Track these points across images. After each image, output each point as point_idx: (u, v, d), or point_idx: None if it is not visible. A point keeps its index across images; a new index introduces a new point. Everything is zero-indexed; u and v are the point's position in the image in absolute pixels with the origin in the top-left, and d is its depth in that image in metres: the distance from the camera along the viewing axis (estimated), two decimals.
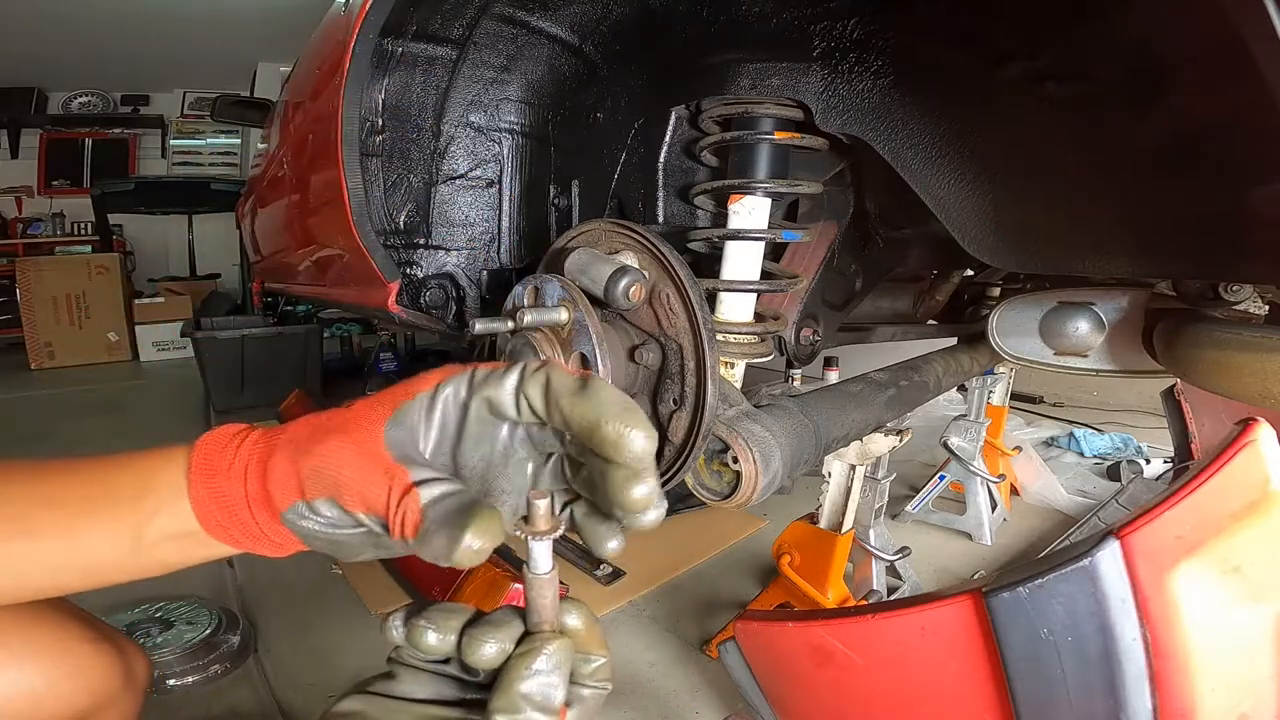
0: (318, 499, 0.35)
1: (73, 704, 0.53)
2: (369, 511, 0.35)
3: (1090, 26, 0.51)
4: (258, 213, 2.20)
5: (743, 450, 0.62)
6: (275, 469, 0.36)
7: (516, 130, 0.95)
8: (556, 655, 0.33)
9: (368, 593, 1.41)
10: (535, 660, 0.33)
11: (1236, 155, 0.47)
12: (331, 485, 0.35)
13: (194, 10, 4.23)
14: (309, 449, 0.36)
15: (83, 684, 0.53)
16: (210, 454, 0.38)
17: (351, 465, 0.35)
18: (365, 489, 0.34)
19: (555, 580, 0.35)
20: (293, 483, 0.36)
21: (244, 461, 0.37)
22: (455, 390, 0.37)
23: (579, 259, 0.61)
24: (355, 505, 0.35)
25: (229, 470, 0.37)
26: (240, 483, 0.37)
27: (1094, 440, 2.34)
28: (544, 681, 0.33)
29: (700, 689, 1.12)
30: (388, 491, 0.34)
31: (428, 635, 0.36)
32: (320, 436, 0.36)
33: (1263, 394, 0.59)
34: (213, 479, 0.37)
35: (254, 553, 0.39)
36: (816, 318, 0.86)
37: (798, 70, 0.70)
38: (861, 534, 1.21)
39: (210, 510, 0.38)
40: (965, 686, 0.61)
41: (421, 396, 0.37)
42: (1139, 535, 0.52)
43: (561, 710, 0.34)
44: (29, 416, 3.15)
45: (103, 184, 4.86)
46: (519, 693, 0.32)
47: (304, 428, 0.38)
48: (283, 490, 0.36)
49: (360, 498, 0.35)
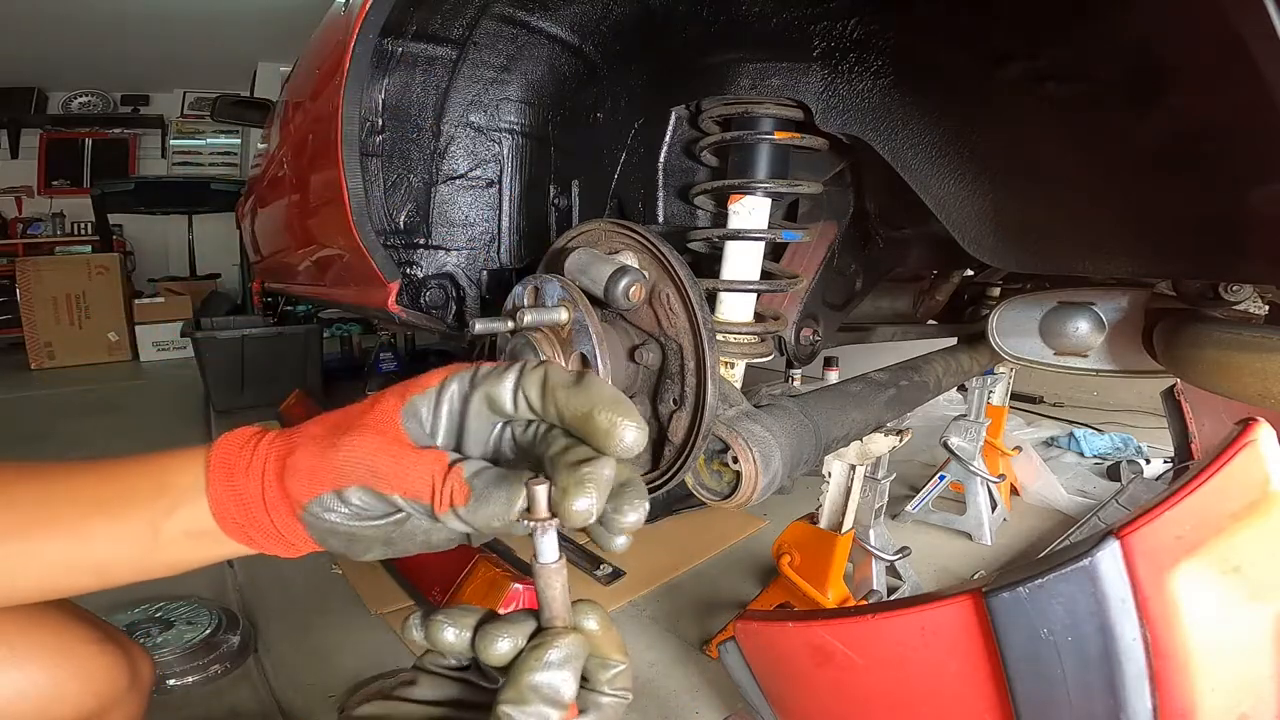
0: (350, 487, 0.36)
1: (78, 705, 0.53)
2: (407, 495, 0.35)
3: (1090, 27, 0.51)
4: (258, 213, 2.20)
5: (743, 450, 0.62)
6: (298, 465, 0.37)
7: (516, 130, 0.95)
8: (567, 649, 0.34)
9: (368, 593, 1.41)
10: (545, 653, 0.33)
11: (1236, 155, 0.47)
12: (366, 473, 0.36)
13: (194, 10, 4.23)
14: (334, 443, 0.36)
15: (88, 685, 0.53)
16: (228, 453, 0.39)
17: (383, 453, 0.36)
18: (401, 473, 0.35)
19: (563, 571, 0.35)
20: (322, 476, 0.36)
21: (261, 460, 0.38)
22: (460, 386, 0.38)
23: (579, 259, 0.61)
24: (392, 489, 0.35)
25: (247, 469, 0.38)
26: (258, 481, 0.37)
27: (1094, 440, 2.34)
28: (553, 675, 0.33)
29: (700, 689, 1.12)
30: (430, 473, 0.35)
31: (445, 631, 0.37)
32: (341, 431, 0.37)
33: (1263, 394, 0.59)
34: (231, 477, 0.38)
35: (267, 553, 0.40)
36: (816, 318, 0.86)
37: (798, 70, 0.70)
38: (861, 534, 1.21)
39: (227, 508, 0.38)
40: (965, 686, 0.61)
41: (430, 391, 0.38)
42: (1139, 535, 0.52)
43: (571, 707, 0.34)
44: (29, 416, 3.15)
45: (103, 184, 4.86)
46: (528, 684, 0.33)
47: (320, 426, 0.38)
48: (309, 484, 0.36)
49: (397, 481, 0.35)
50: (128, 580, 0.40)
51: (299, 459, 0.37)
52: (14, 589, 0.40)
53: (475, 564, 1.26)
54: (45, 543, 0.38)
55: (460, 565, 1.27)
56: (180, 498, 0.38)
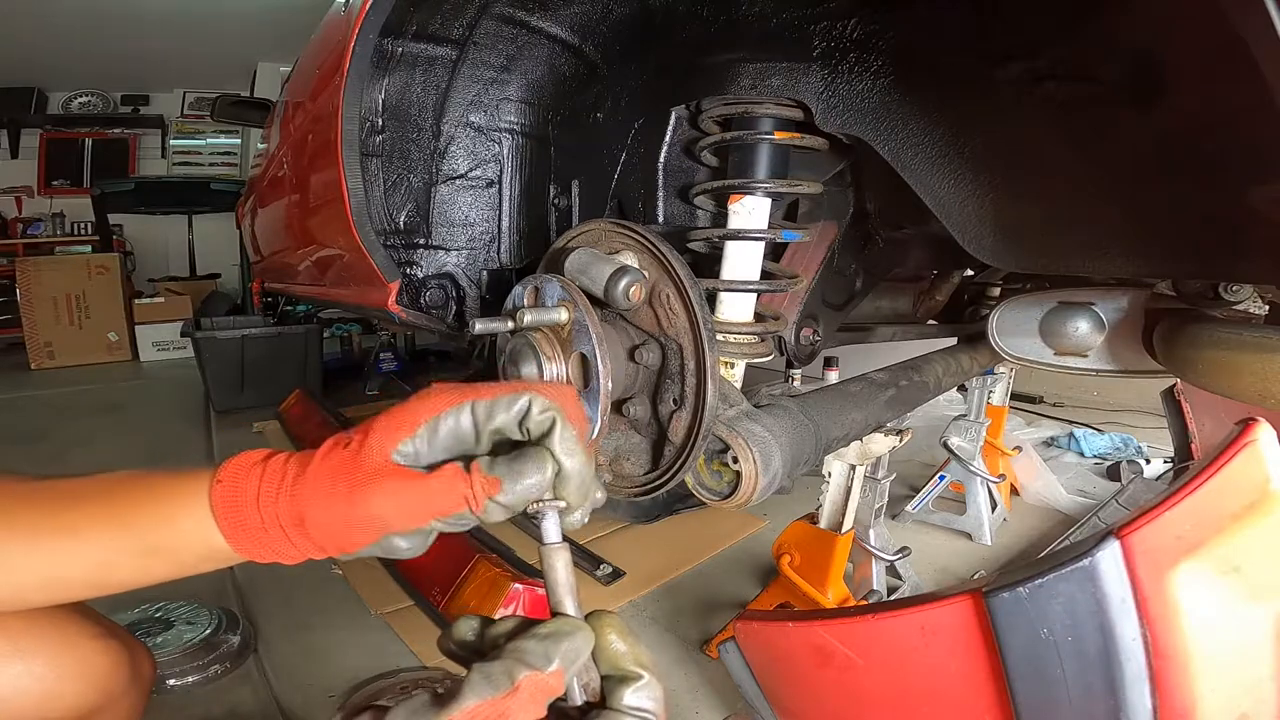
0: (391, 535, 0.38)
1: (80, 700, 0.53)
2: (438, 516, 0.38)
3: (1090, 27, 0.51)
4: (258, 213, 2.21)
5: (743, 450, 0.62)
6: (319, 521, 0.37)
7: (516, 130, 0.95)
8: (555, 627, 0.36)
9: (368, 593, 1.41)
10: (536, 628, 0.36)
11: (1236, 155, 0.47)
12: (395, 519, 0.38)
13: (194, 10, 4.23)
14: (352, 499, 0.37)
15: (90, 680, 0.54)
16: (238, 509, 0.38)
17: (403, 493, 0.37)
18: (428, 503, 0.37)
19: (564, 552, 0.39)
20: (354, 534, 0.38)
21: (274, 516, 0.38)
22: (456, 422, 0.39)
23: (579, 259, 0.61)
24: (425, 520, 0.38)
25: (264, 531, 0.38)
26: (280, 532, 0.38)
27: (1094, 440, 2.34)
28: (534, 645, 0.35)
29: (700, 689, 1.12)
30: (450, 487, 0.37)
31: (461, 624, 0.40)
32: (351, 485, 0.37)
33: (1263, 394, 0.59)
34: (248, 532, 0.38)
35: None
36: (816, 318, 0.86)
37: (798, 70, 0.70)
38: (861, 534, 1.21)
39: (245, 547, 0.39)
40: (965, 686, 0.61)
41: (422, 430, 0.38)
42: (1139, 535, 0.52)
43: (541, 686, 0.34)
44: (29, 416, 3.15)
45: (103, 184, 4.87)
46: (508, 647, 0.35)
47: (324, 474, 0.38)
48: (342, 540, 0.38)
49: (427, 512, 0.38)
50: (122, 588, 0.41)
51: (318, 517, 0.37)
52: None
53: (475, 564, 1.26)
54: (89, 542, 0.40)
55: (460, 565, 1.27)
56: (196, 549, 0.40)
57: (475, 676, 0.32)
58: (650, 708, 0.37)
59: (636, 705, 0.37)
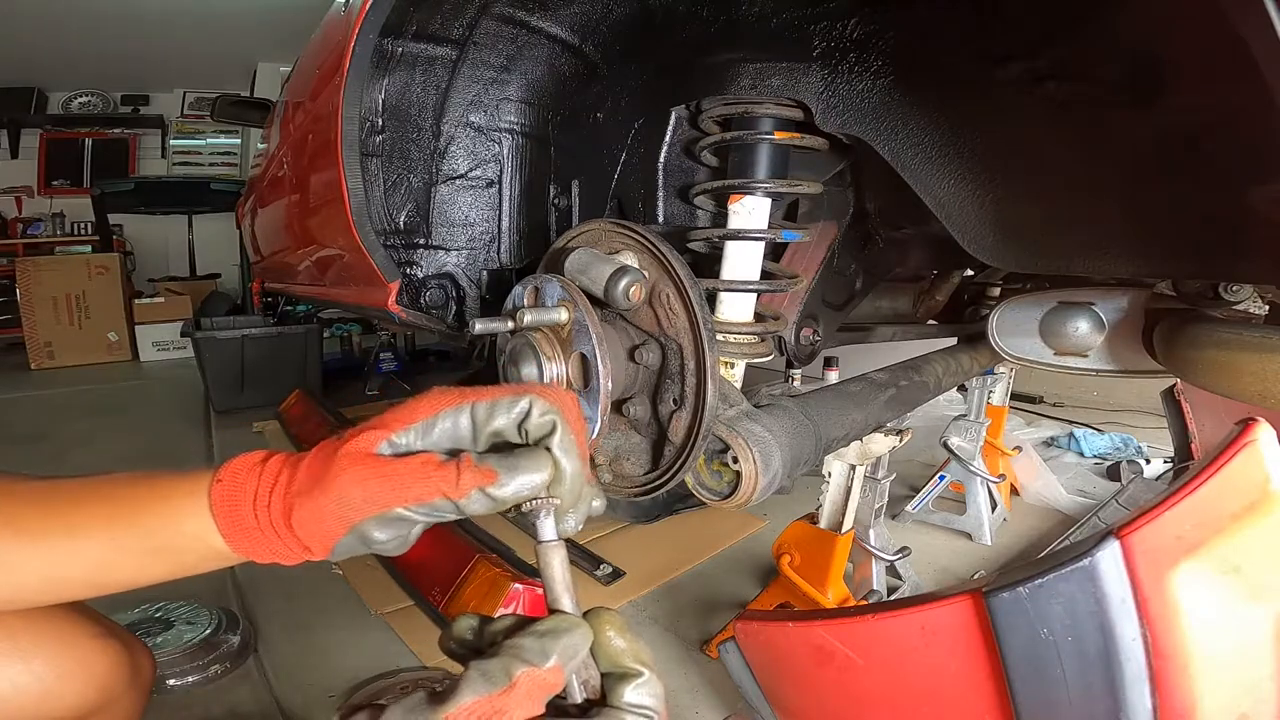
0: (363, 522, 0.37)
1: (80, 698, 0.53)
2: (406, 503, 0.37)
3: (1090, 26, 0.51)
4: (258, 213, 2.21)
5: (743, 450, 0.62)
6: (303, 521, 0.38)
7: (516, 130, 0.95)
8: (552, 624, 0.36)
9: (368, 593, 1.41)
10: (533, 625, 0.36)
11: (1236, 155, 0.47)
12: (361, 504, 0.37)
13: (194, 10, 4.23)
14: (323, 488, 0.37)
15: (90, 679, 0.54)
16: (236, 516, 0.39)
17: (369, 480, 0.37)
18: (388, 489, 0.37)
19: (560, 549, 0.39)
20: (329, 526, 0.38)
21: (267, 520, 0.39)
22: (454, 423, 0.39)
23: (579, 259, 0.61)
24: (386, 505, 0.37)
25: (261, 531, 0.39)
26: (274, 537, 0.39)
27: (1094, 440, 2.34)
28: (532, 642, 0.35)
29: (700, 689, 1.12)
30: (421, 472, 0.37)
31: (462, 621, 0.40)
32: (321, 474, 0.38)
33: (1263, 394, 0.59)
34: (246, 534, 0.39)
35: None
36: (816, 318, 0.86)
37: (798, 70, 0.69)
38: (861, 534, 1.21)
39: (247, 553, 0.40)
40: (965, 686, 0.61)
41: (416, 426, 0.39)
42: (1139, 535, 0.52)
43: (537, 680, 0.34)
44: (29, 416, 3.15)
45: (103, 184, 4.86)
46: (505, 644, 0.35)
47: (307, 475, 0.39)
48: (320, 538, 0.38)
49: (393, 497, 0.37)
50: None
51: (299, 512, 0.38)
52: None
53: (475, 564, 1.26)
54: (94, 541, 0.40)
55: (460, 565, 1.27)
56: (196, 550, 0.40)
57: (473, 673, 0.32)
58: (651, 705, 0.37)
59: (637, 702, 0.36)
